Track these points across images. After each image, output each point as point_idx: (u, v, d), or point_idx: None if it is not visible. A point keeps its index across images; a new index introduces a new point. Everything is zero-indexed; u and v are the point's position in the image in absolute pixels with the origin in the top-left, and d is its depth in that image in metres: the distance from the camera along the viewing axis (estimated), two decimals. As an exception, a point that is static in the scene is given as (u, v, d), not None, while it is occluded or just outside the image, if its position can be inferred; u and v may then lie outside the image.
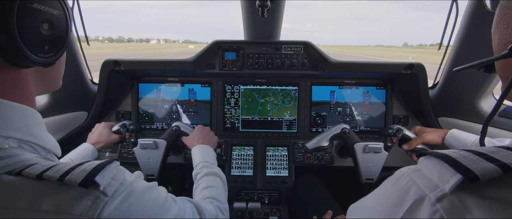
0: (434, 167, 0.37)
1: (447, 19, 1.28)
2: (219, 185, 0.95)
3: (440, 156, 0.36)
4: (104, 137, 1.25)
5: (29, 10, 0.43)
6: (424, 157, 0.40)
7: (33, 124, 0.49)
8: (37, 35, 0.46)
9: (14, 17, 0.41)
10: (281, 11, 1.31)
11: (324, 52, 1.46)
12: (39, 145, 0.48)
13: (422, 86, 1.41)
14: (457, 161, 0.34)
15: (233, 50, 1.48)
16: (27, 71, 0.50)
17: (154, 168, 1.28)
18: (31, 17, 0.44)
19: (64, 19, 0.50)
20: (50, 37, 0.48)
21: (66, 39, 0.52)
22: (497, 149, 0.34)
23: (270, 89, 1.62)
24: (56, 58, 0.51)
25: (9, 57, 0.44)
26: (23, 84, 0.49)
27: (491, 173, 0.31)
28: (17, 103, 0.47)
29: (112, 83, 1.48)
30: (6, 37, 0.41)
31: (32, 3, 0.44)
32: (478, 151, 0.35)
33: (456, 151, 0.36)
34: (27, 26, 0.44)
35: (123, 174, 0.46)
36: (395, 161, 1.48)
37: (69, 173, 0.39)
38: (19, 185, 0.39)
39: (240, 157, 1.52)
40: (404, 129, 1.26)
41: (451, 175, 0.33)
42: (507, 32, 0.42)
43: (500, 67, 0.48)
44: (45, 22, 0.46)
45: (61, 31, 0.50)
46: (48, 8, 0.46)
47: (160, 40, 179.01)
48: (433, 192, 0.35)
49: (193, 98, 1.63)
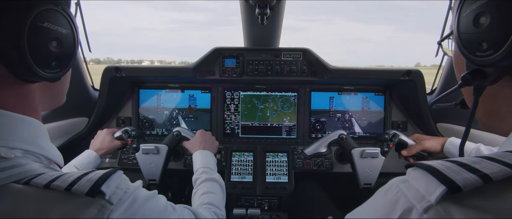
0: (421, 178, 0.38)
1: (443, 27, 1.30)
2: (217, 191, 0.97)
3: (426, 168, 0.38)
4: (106, 144, 1.27)
5: (40, 28, 0.45)
6: (412, 168, 0.41)
7: (38, 135, 0.50)
8: (46, 52, 0.47)
9: (25, 35, 0.43)
10: (281, 19, 1.33)
11: (323, 59, 1.48)
12: (44, 155, 0.50)
13: (420, 92, 1.43)
14: (441, 173, 0.35)
15: (233, 57, 1.50)
16: (34, 85, 0.51)
17: (155, 173, 1.29)
18: (41, 35, 0.46)
19: (71, 37, 0.52)
20: (58, 54, 0.50)
21: (73, 56, 0.54)
22: (479, 159, 0.36)
23: (270, 95, 1.63)
24: (62, 74, 0.53)
25: (18, 72, 0.46)
26: (30, 98, 0.51)
27: (473, 184, 0.33)
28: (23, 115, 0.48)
29: (113, 89, 1.50)
30: (17, 54, 0.43)
31: (43, 22, 0.46)
32: (461, 161, 0.36)
33: (441, 162, 0.38)
34: (37, 44, 0.45)
35: (126, 183, 0.48)
36: (394, 166, 1.48)
37: (76, 183, 0.41)
38: (28, 195, 0.40)
39: (240, 163, 1.53)
40: (400, 134, 1.27)
41: (436, 187, 0.35)
42: (462, 68, 0.52)
43: (467, 100, 0.58)
44: (54, 40, 0.49)
45: (69, 49, 0.52)
46: (57, 27, 0.49)
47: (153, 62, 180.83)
48: (420, 203, 0.36)
49: (193, 104, 1.65)
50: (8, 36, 0.42)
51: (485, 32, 0.41)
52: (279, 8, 1.22)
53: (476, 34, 0.43)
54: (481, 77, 0.46)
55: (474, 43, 0.43)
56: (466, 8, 0.44)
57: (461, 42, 0.46)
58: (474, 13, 0.43)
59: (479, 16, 0.42)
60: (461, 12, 0.46)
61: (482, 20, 0.41)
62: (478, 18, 0.42)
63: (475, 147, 1.02)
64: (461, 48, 0.46)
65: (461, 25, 0.46)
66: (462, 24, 0.46)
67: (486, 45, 0.41)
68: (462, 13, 0.45)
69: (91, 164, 1.15)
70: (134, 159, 1.54)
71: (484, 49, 0.41)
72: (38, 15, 0.45)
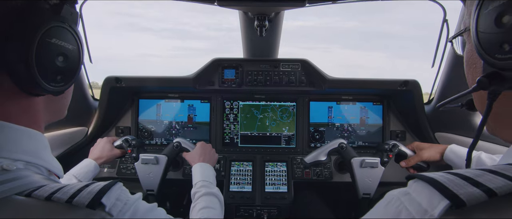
0: (422, 191, 0.38)
1: (439, 38, 1.33)
2: (216, 206, 0.97)
3: (428, 180, 0.37)
4: (106, 152, 1.26)
5: (47, 44, 0.47)
6: (413, 181, 0.40)
7: (40, 147, 0.51)
8: (52, 66, 0.49)
9: (34, 50, 0.44)
10: (279, 30, 1.35)
11: (321, 69, 1.50)
12: (44, 167, 0.51)
13: (417, 102, 1.44)
14: (445, 186, 0.35)
15: (232, 67, 1.51)
16: (38, 99, 0.53)
17: (154, 184, 1.28)
18: (48, 50, 0.48)
19: (77, 53, 0.54)
20: (64, 68, 0.51)
21: (77, 70, 0.56)
22: (482, 172, 0.35)
23: (269, 105, 1.64)
24: (66, 88, 0.54)
25: (24, 85, 0.47)
26: (34, 111, 0.52)
27: (477, 198, 0.32)
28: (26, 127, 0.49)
29: (113, 99, 1.50)
30: (24, 68, 0.44)
31: (51, 38, 0.48)
32: (464, 174, 0.36)
33: (444, 174, 0.37)
34: (44, 58, 0.47)
35: (126, 195, 0.48)
36: (393, 176, 1.48)
37: (77, 195, 0.41)
38: (30, 207, 0.41)
39: (239, 172, 1.52)
40: (399, 145, 1.27)
41: (439, 200, 0.34)
42: (476, 70, 0.48)
43: (477, 102, 0.54)
44: (60, 55, 0.50)
45: (74, 63, 0.54)
46: (64, 43, 0.50)
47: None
48: (422, 217, 0.36)
49: (193, 114, 1.65)
50: (17, 51, 0.44)
51: (509, 32, 0.37)
52: (277, 20, 1.25)
53: (497, 34, 0.39)
54: (499, 81, 0.42)
55: (494, 44, 0.40)
56: (488, 4, 0.40)
57: (479, 42, 0.42)
58: (497, 11, 0.39)
59: (503, 14, 0.38)
60: (482, 9, 0.41)
61: (506, 19, 0.38)
62: (501, 17, 0.38)
63: (476, 155, 1.01)
64: (479, 48, 0.42)
65: (481, 23, 0.42)
66: (481, 22, 0.41)
67: (508, 47, 0.38)
68: (482, 9, 0.41)
69: (90, 173, 1.15)
70: (132, 168, 1.54)
71: (506, 51, 0.38)
72: (47, 32, 0.47)
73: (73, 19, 0.52)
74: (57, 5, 0.50)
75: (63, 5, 0.50)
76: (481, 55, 0.42)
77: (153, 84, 1.52)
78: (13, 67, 0.44)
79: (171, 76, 1.51)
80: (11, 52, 0.44)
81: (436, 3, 1.26)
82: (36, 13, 0.46)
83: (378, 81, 1.50)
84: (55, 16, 0.49)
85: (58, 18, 0.49)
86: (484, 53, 0.41)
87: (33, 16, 0.45)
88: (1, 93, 0.46)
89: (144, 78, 1.50)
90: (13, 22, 0.43)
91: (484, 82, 0.43)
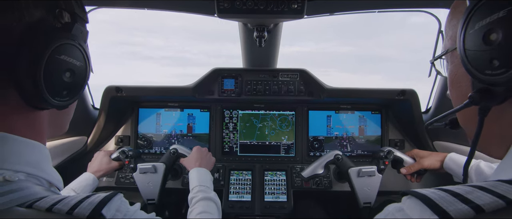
0: (415, 207, 0.39)
1: (435, 48, 1.35)
2: (213, 211, 0.97)
3: (420, 197, 0.39)
4: (104, 166, 1.27)
5: (56, 60, 0.48)
6: (407, 197, 0.42)
7: (42, 159, 0.52)
8: (59, 81, 0.50)
9: (42, 66, 0.46)
10: (278, 41, 1.38)
11: (319, 79, 1.51)
12: (45, 179, 0.51)
13: (415, 111, 1.46)
14: (435, 203, 0.37)
15: (232, 77, 1.53)
16: (43, 112, 0.53)
17: (154, 192, 1.28)
18: (57, 66, 0.49)
19: (84, 69, 0.55)
20: (70, 84, 0.52)
21: (83, 86, 0.57)
22: (472, 189, 0.37)
23: (268, 114, 1.66)
24: (71, 102, 0.55)
25: (30, 99, 0.48)
26: (38, 124, 0.53)
27: (465, 214, 0.34)
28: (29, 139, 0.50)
29: (113, 108, 1.51)
30: (32, 83, 0.45)
31: (60, 54, 0.49)
32: (455, 191, 0.38)
33: (435, 191, 0.39)
34: (52, 74, 0.48)
35: (126, 206, 0.49)
36: (393, 185, 1.48)
37: (78, 206, 0.42)
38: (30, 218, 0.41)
39: (238, 181, 1.52)
40: (394, 151, 1.28)
41: (429, 216, 0.36)
42: (462, 88, 0.51)
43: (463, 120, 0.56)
44: (67, 71, 0.51)
45: (80, 79, 0.55)
46: (73, 59, 0.52)
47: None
48: None
49: (192, 123, 1.66)
50: (26, 67, 0.45)
51: (497, 49, 0.39)
52: (276, 31, 1.28)
53: (486, 52, 0.41)
54: (489, 96, 0.44)
55: (483, 61, 0.41)
56: (474, 24, 0.43)
57: (468, 60, 0.44)
58: (484, 29, 0.41)
59: (490, 32, 0.40)
60: (468, 29, 0.44)
61: (493, 36, 0.40)
62: (488, 35, 0.40)
63: (475, 164, 1.01)
64: (468, 66, 0.44)
65: (468, 42, 0.44)
66: (468, 41, 0.44)
67: (497, 63, 0.39)
68: (468, 29, 0.44)
69: (89, 187, 1.15)
70: (131, 177, 1.53)
71: (496, 67, 0.40)
72: (57, 49, 0.48)
73: (82, 37, 0.54)
74: (69, 23, 0.51)
75: (74, 23, 0.51)
76: (471, 72, 0.44)
77: (154, 93, 1.53)
78: (21, 82, 0.45)
79: (171, 86, 1.52)
80: (20, 67, 0.45)
81: (431, 15, 1.29)
82: (48, 31, 0.47)
83: (376, 90, 1.51)
84: (65, 34, 0.50)
85: (69, 36, 0.50)
86: (474, 70, 0.43)
87: (45, 34, 0.46)
88: (7, 105, 0.47)
89: (145, 88, 1.52)
90: (24, 39, 0.45)
91: (475, 98, 0.45)
